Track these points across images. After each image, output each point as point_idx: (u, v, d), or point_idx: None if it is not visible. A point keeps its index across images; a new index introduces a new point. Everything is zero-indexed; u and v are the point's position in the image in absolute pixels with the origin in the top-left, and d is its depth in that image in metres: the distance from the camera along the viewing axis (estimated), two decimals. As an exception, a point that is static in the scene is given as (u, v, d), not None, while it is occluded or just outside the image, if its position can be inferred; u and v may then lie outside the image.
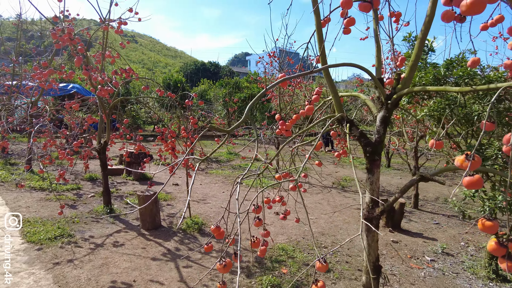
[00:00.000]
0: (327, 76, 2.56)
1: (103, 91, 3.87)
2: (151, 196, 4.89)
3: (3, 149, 7.80)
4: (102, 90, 3.86)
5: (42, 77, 4.14)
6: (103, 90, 3.87)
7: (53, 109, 8.01)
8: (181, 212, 5.86)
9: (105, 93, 3.93)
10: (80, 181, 7.56)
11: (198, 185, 8.05)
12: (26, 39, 22.73)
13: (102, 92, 3.88)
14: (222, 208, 6.22)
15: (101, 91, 3.85)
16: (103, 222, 5.08)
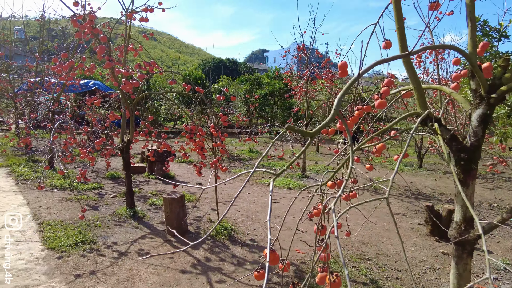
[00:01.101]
0: (408, 63, 2.01)
1: (127, 84, 3.44)
2: (178, 199, 4.46)
3: (26, 146, 7.60)
4: (126, 84, 3.43)
5: (62, 70, 3.74)
6: (127, 83, 3.44)
7: (74, 105, 7.72)
8: (207, 215, 5.42)
9: (129, 87, 3.50)
10: (101, 180, 7.24)
11: (222, 184, 7.60)
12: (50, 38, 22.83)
13: (126, 86, 3.46)
14: (251, 212, 5.75)
15: (125, 85, 3.43)
16: (126, 226, 4.69)
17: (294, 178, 8.38)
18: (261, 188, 7.48)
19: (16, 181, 6.49)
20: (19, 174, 6.82)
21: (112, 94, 5.25)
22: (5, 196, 5.56)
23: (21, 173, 6.86)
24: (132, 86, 3.52)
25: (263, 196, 6.82)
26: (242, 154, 11.25)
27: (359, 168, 3.27)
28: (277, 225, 4.85)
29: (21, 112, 8.55)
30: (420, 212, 6.29)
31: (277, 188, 7.48)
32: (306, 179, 8.46)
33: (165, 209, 4.49)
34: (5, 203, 5.20)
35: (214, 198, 6.51)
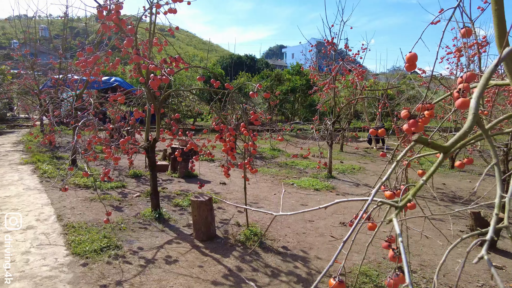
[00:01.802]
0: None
1: (156, 80, 3.15)
2: (206, 202, 4.17)
3: (50, 143, 7.50)
4: (155, 80, 3.14)
5: (87, 65, 3.49)
6: (156, 79, 3.15)
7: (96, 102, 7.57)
8: (235, 218, 5.13)
9: (157, 83, 3.21)
10: (124, 178, 7.06)
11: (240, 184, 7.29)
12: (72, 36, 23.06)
13: (155, 82, 3.17)
14: (278, 215, 5.41)
15: (154, 81, 3.13)
16: (151, 229, 4.44)
17: (320, 178, 7.98)
18: (287, 188, 7.13)
19: (40, 178, 6.38)
20: (43, 171, 6.71)
21: (137, 91, 4.99)
22: (30, 194, 5.42)
23: (45, 170, 6.75)
24: (161, 82, 3.23)
25: (289, 197, 6.47)
26: (264, 152, 10.91)
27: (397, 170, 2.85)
28: (309, 231, 4.46)
29: (45, 108, 8.50)
30: (459, 218, 5.81)
31: (303, 189, 7.12)
32: (333, 180, 8.05)
33: (193, 213, 4.21)
34: (30, 202, 5.05)
35: (240, 199, 6.22)
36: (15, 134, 12.00)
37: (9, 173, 6.68)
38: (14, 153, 8.74)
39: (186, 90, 3.96)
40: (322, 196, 6.71)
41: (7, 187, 5.76)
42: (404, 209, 2.22)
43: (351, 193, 7.05)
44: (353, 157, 11.12)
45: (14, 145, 9.83)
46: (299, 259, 3.93)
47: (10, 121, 15.01)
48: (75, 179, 6.24)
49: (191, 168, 5.54)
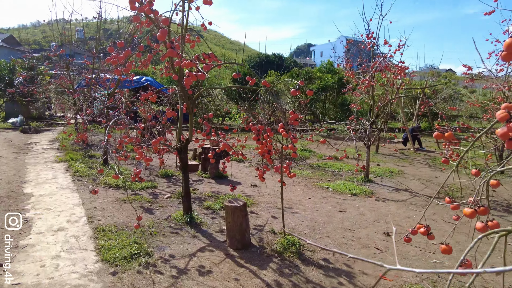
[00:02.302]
0: None
1: (191, 77, 2.86)
2: (241, 208, 3.86)
3: (82, 141, 7.52)
4: (191, 77, 2.85)
5: (117, 60, 3.27)
6: (191, 76, 2.86)
7: (128, 101, 7.49)
8: (269, 224, 4.78)
9: (192, 80, 2.93)
10: (155, 178, 6.92)
11: (277, 187, 6.92)
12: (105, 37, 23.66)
13: (191, 79, 2.88)
14: (316, 222, 5.02)
15: (189, 78, 2.84)
16: (183, 234, 4.19)
17: (356, 182, 7.48)
18: (321, 192, 6.70)
19: (73, 177, 6.35)
20: (75, 170, 6.69)
21: (169, 90, 4.77)
22: (63, 194, 5.36)
23: (77, 169, 6.73)
24: (196, 79, 2.94)
25: (325, 202, 6.04)
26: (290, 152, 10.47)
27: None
28: (351, 241, 4.00)
29: (79, 107, 8.57)
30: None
31: (339, 193, 6.66)
32: (370, 184, 7.52)
33: (227, 219, 3.91)
34: (62, 202, 4.97)
35: (273, 203, 5.87)
36: (51, 132, 12.32)
37: (44, 171, 6.72)
38: (49, 150, 8.88)
39: (222, 87, 3.70)
40: (361, 201, 6.22)
41: (41, 185, 5.75)
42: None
43: (391, 199, 6.51)
44: (389, 160, 10.46)
45: (50, 143, 10.03)
46: (343, 274, 3.53)
47: (47, 120, 15.51)
48: (106, 178, 6.14)
49: (223, 169, 5.26)
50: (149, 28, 4.07)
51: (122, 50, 3.30)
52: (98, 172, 3.84)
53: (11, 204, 4.70)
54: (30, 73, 12.82)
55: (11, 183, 5.69)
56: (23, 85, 11.82)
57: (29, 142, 10.01)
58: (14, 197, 5.04)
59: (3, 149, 8.58)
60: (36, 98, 13.43)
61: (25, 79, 12.54)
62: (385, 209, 5.87)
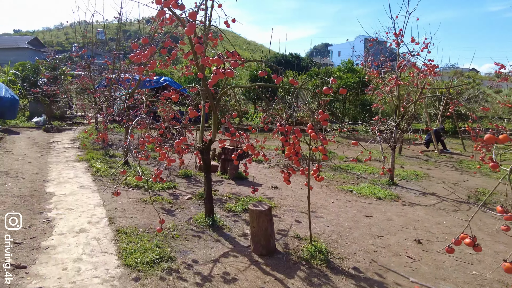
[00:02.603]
0: None
1: (219, 74, 2.69)
2: (266, 212, 3.67)
3: (103, 140, 7.51)
4: (218, 74, 2.68)
5: (141, 58, 3.13)
6: (219, 73, 2.69)
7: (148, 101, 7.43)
8: (293, 229, 4.57)
9: (219, 78, 2.76)
10: (174, 178, 6.82)
11: (299, 189, 6.71)
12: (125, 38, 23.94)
13: (218, 77, 2.71)
14: (342, 227, 4.77)
15: (217, 75, 2.68)
16: (205, 238, 4.03)
17: (381, 185, 7.17)
18: (345, 196, 6.44)
19: (93, 177, 6.31)
20: (96, 169, 6.66)
21: (191, 89, 4.63)
22: (84, 193, 5.31)
23: (98, 169, 6.70)
24: (224, 77, 2.78)
25: (350, 206, 5.78)
26: (314, 155, 10.19)
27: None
28: (380, 248, 3.72)
29: (99, 107, 8.59)
30: None
31: (364, 197, 6.38)
32: (396, 187, 7.20)
33: (251, 223, 3.73)
34: (83, 202, 4.91)
35: (295, 206, 5.66)
36: (72, 131, 12.48)
37: (65, 170, 6.72)
38: (71, 150, 8.94)
39: (247, 86, 3.52)
40: (387, 206, 5.93)
41: (63, 185, 5.73)
42: None
43: (419, 203, 6.18)
44: (413, 162, 10.05)
45: (71, 142, 10.13)
46: (375, 285, 3.29)
47: (69, 119, 15.77)
48: (127, 179, 6.07)
49: (244, 170, 5.08)
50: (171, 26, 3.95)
51: (146, 47, 3.17)
52: (120, 173, 3.73)
53: (34, 204, 4.67)
54: (53, 73, 13.03)
55: (34, 182, 5.69)
56: (47, 85, 12.02)
57: (51, 141, 10.14)
58: (37, 196, 5.02)
59: (27, 147, 8.69)
60: (58, 98, 13.66)
61: (48, 79, 12.75)
62: (413, 214, 5.57)
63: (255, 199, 5.53)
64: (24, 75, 14.40)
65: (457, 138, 14.71)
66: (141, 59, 3.10)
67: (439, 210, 5.88)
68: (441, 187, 7.43)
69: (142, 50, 3.19)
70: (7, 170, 6.14)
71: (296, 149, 3.36)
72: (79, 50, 10.64)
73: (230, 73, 2.72)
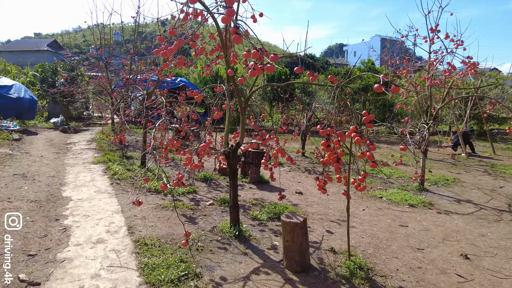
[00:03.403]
0: None
1: (258, 70, 2.31)
2: (301, 225, 3.27)
3: (120, 142, 7.25)
4: (257, 69, 2.30)
5: (167, 52, 2.77)
6: (257, 69, 2.31)
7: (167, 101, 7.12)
8: (325, 241, 4.15)
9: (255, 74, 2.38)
10: (193, 181, 6.47)
11: (325, 195, 6.27)
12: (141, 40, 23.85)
13: (257, 72, 2.33)
14: (378, 238, 4.32)
15: (256, 71, 2.29)
16: (232, 250, 3.65)
17: (411, 191, 6.66)
18: (375, 202, 5.97)
19: (111, 180, 6.02)
20: (113, 172, 6.37)
21: (217, 88, 4.26)
22: (101, 198, 5.01)
23: (115, 171, 6.41)
24: (262, 73, 2.39)
25: (382, 214, 5.32)
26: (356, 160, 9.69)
27: None
28: (425, 264, 3.23)
29: (116, 107, 8.36)
30: None
31: (394, 204, 5.91)
32: (427, 193, 6.68)
33: (284, 237, 3.33)
34: (101, 208, 4.60)
35: (324, 214, 5.22)
36: (89, 132, 12.33)
37: (82, 173, 6.46)
38: (87, 151, 8.72)
39: (280, 85, 3.16)
40: (421, 214, 5.44)
41: (80, 189, 5.45)
42: None
43: (455, 212, 5.67)
44: (441, 165, 9.46)
45: (88, 143, 9.93)
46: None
47: (85, 120, 15.68)
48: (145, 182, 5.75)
49: (271, 176, 4.69)
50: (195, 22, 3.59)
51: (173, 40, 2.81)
52: (144, 181, 3.39)
53: (50, 209, 4.38)
54: (71, 73, 12.93)
55: (50, 185, 5.43)
56: (64, 85, 11.90)
57: (68, 142, 9.96)
58: (53, 201, 4.73)
59: (45, 149, 8.50)
60: (76, 99, 13.58)
61: (66, 79, 12.64)
62: (452, 224, 5.07)
63: (281, 206, 5.13)
64: (43, 76, 14.38)
65: (484, 140, 13.96)
66: (167, 54, 2.74)
67: (479, 219, 5.35)
68: (476, 193, 6.87)
69: (167, 45, 2.83)
70: (24, 172, 5.91)
71: (339, 154, 2.94)
72: (97, 51, 10.46)
73: (270, 68, 2.34)
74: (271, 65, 2.34)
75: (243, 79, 3.07)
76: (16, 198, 4.55)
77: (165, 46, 2.81)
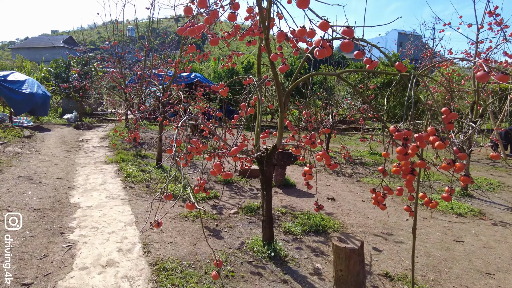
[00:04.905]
0: None
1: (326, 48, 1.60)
2: (359, 251, 2.54)
3: (134, 140, 6.64)
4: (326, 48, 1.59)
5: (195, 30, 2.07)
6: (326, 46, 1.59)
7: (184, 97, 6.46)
8: (374, 262, 3.41)
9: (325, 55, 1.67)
10: (214, 185, 5.81)
11: (359, 201, 5.53)
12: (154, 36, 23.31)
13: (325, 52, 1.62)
14: (435, 258, 3.56)
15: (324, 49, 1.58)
16: (268, 276, 2.95)
17: (454, 196, 5.85)
18: (418, 211, 5.18)
19: (123, 183, 5.39)
20: (127, 174, 5.75)
21: (245, 81, 3.55)
22: (112, 206, 4.37)
23: (129, 173, 5.78)
24: (331, 53, 1.68)
25: (429, 226, 4.55)
26: (363, 157, 8.91)
27: None
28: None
29: (130, 103, 7.76)
30: None
31: (439, 212, 5.13)
32: (472, 199, 5.86)
33: (337, 265, 2.61)
34: (112, 219, 3.96)
35: (364, 226, 4.46)
36: (102, 128, 11.80)
37: (93, 174, 5.86)
38: (100, 149, 8.14)
39: (333, 74, 2.60)
40: (474, 226, 4.65)
41: (89, 193, 4.83)
42: None
43: None
44: (479, 167, 8.57)
45: (101, 140, 9.36)
46: None
47: (99, 116, 15.21)
48: (161, 185, 5.11)
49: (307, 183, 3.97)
50: None
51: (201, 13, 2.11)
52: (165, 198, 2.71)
53: (54, 220, 3.75)
54: (84, 68, 12.40)
55: (57, 189, 4.82)
56: (77, 80, 11.38)
57: (81, 139, 9.42)
58: (59, 209, 4.12)
59: (56, 146, 7.96)
60: (89, 94, 13.06)
61: (79, 74, 12.12)
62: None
63: (316, 216, 4.41)
64: (57, 71, 13.91)
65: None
66: (195, 32, 2.03)
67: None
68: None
69: (193, 21, 2.12)
70: (30, 174, 5.32)
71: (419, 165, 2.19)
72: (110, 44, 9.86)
73: (327, 51, 1.62)
74: (328, 47, 1.62)
75: (286, 67, 2.38)
76: (17, 206, 3.95)
77: (192, 23, 2.09)
